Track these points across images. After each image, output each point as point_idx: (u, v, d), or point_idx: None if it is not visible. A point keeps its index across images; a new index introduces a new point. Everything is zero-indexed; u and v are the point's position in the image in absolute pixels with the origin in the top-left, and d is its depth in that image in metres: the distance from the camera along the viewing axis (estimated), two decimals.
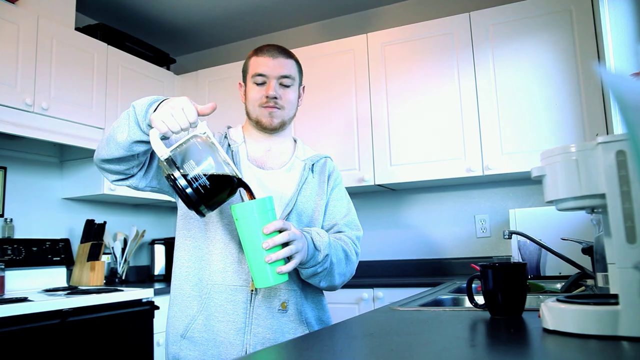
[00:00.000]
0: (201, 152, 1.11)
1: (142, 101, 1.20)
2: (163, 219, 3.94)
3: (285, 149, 1.50)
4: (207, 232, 1.37)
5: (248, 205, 1.12)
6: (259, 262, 1.11)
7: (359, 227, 1.50)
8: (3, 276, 2.56)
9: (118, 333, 2.45)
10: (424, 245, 3.21)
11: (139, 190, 1.39)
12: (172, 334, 1.38)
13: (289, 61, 1.43)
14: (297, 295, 1.37)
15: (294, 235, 1.16)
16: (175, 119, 1.11)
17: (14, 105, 2.54)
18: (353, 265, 1.41)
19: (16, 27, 2.61)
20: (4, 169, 2.86)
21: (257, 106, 1.41)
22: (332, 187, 1.49)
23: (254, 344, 1.30)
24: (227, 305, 1.32)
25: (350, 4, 3.51)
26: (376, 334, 0.98)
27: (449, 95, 2.88)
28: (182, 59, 4.16)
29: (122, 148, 1.21)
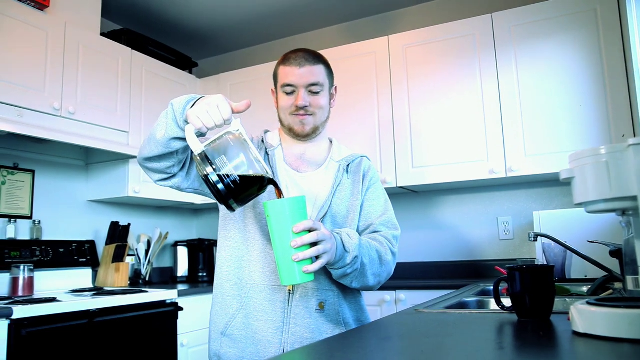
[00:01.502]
0: (234, 148, 1.13)
1: (180, 99, 1.23)
2: (185, 221, 3.99)
3: (320, 151, 1.50)
4: (246, 234, 1.40)
5: (280, 202, 1.14)
6: (286, 260, 1.13)
7: (397, 226, 1.49)
8: (32, 277, 2.62)
9: (143, 333, 2.48)
10: (447, 247, 3.20)
11: (182, 191, 1.41)
12: (213, 331, 1.42)
13: (316, 67, 1.42)
14: (334, 295, 1.38)
15: (323, 236, 1.16)
16: (210, 116, 1.14)
17: (43, 109, 2.60)
18: (389, 265, 1.40)
19: (45, 33, 2.67)
20: (32, 172, 2.93)
21: (289, 114, 1.42)
22: (368, 186, 1.48)
23: (292, 342, 1.32)
24: (266, 305, 1.34)
25: (371, 6, 3.51)
26: (405, 336, 0.98)
27: (471, 96, 2.87)
28: (204, 63, 4.20)
29: (161, 145, 1.24)
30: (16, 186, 2.84)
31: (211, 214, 4.03)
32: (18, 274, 2.57)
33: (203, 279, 3.59)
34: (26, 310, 2.00)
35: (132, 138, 3.09)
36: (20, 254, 2.70)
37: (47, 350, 2.05)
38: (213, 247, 3.67)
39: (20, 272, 2.58)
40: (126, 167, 3.08)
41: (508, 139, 2.75)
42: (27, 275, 2.60)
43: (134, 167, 3.09)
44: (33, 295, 2.56)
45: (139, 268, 3.34)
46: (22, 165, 2.88)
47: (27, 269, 2.60)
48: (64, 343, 2.12)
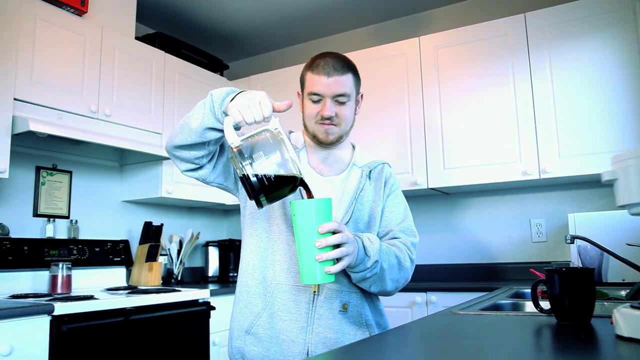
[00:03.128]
0: (271, 145, 1.14)
1: (220, 90, 1.24)
2: (216, 222, 4.04)
3: (344, 156, 1.51)
4: (271, 233, 1.41)
5: (307, 203, 1.15)
6: (309, 260, 1.14)
7: (415, 234, 1.50)
8: (70, 275, 2.69)
9: (176, 332, 2.53)
10: (478, 249, 3.17)
11: (207, 183, 1.43)
12: (237, 328, 1.43)
13: (344, 77, 1.39)
14: (358, 297, 1.40)
15: (347, 239, 1.17)
16: (251, 111, 1.15)
17: (81, 112, 2.67)
18: (407, 271, 1.41)
19: (83, 38, 2.74)
20: (69, 173, 3.01)
21: (314, 123, 1.42)
22: (389, 193, 1.50)
23: (316, 342, 1.33)
24: (290, 305, 1.36)
25: (401, 7, 3.50)
26: (443, 337, 0.98)
27: (503, 97, 2.84)
28: (235, 65, 4.25)
29: (194, 134, 1.26)
30: (55, 187, 2.92)
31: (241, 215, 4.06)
32: (57, 271, 2.65)
33: (233, 279, 3.63)
34: (66, 307, 2.06)
35: (165, 139, 3.15)
36: (58, 252, 2.77)
37: (86, 346, 2.11)
38: None
39: (59, 270, 2.65)
40: (159, 168, 3.14)
41: (542, 140, 2.71)
42: (65, 273, 2.67)
43: (167, 168, 3.15)
44: (71, 293, 2.63)
45: (171, 267, 3.39)
46: (60, 166, 2.96)
47: (66, 267, 2.68)
48: (102, 339, 2.17)
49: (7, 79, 2.36)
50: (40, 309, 1.98)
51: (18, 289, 2.59)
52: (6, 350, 1.83)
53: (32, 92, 2.47)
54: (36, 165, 2.85)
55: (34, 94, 2.48)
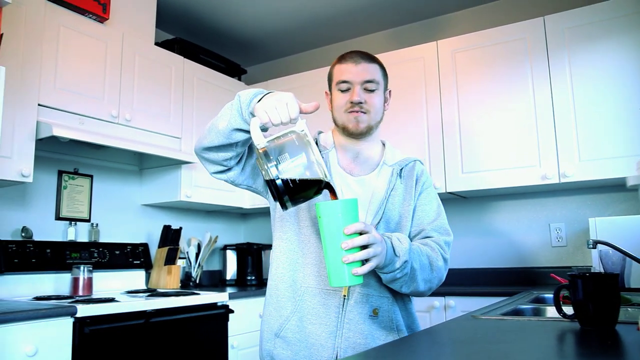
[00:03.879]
0: (297, 147, 1.14)
1: (247, 91, 1.25)
2: (233, 225, 4.06)
3: (374, 154, 1.50)
4: (301, 236, 1.41)
5: (332, 204, 1.14)
6: (336, 262, 1.12)
7: (449, 232, 1.46)
8: (91, 277, 2.73)
9: (195, 334, 2.55)
10: (496, 253, 3.15)
11: (236, 185, 1.44)
12: (266, 331, 1.43)
13: (372, 65, 1.43)
14: (388, 302, 1.38)
15: (374, 239, 1.15)
16: (277, 112, 1.15)
17: (102, 117, 2.71)
18: (440, 271, 1.38)
19: (104, 44, 2.78)
20: (90, 177, 3.05)
21: (343, 112, 1.42)
22: (420, 191, 1.47)
23: (345, 347, 1.33)
24: (320, 309, 1.35)
25: (419, 11, 3.50)
26: (468, 341, 0.98)
27: (522, 101, 2.82)
28: (253, 69, 4.28)
29: (222, 135, 1.27)
30: (76, 190, 2.96)
31: (259, 219, 4.09)
32: (78, 274, 2.69)
33: (251, 282, 3.65)
34: (88, 309, 2.09)
35: (184, 144, 3.18)
36: (80, 255, 2.81)
37: (108, 348, 2.13)
38: (261, 251, 3.73)
39: (81, 272, 2.69)
40: (178, 172, 3.17)
41: (561, 144, 2.69)
42: (86, 275, 2.71)
43: (186, 172, 3.18)
44: (92, 295, 2.66)
45: (189, 271, 3.42)
46: (82, 170, 3.01)
47: (87, 270, 2.71)
48: (123, 341, 2.20)
49: (32, 85, 2.40)
50: (64, 311, 2.01)
51: (41, 290, 2.63)
52: (32, 351, 1.87)
53: (56, 98, 2.52)
54: (58, 170, 2.89)
55: (57, 100, 2.52)
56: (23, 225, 2.68)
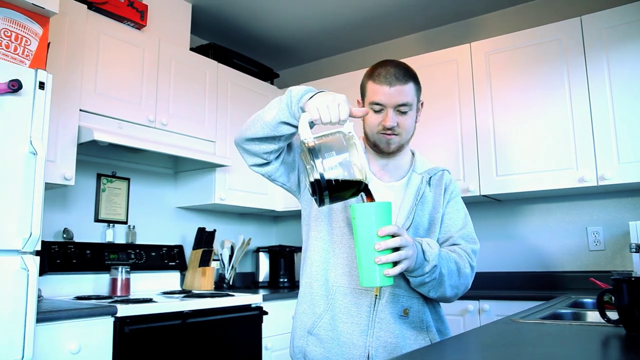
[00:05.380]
0: (342, 148, 1.16)
1: (299, 87, 1.27)
2: (265, 228, 4.10)
3: (403, 163, 1.52)
4: (333, 236, 1.43)
5: (367, 206, 1.17)
6: (368, 262, 1.15)
7: (476, 240, 1.48)
8: (129, 278, 2.79)
9: (230, 335, 2.58)
10: (532, 257, 3.10)
11: (272, 180, 1.46)
12: (299, 328, 1.46)
13: (406, 87, 1.39)
14: (419, 303, 1.40)
15: (406, 242, 1.17)
16: (329, 111, 1.18)
17: (139, 121, 2.78)
18: (467, 278, 1.40)
19: (141, 50, 2.85)
20: (127, 180, 3.12)
21: (375, 132, 1.43)
22: (448, 200, 1.49)
23: (376, 346, 1.35)
24: (352, 308, 1.38)
25: (452, 13, 3.49)
26: (510, 345, 0.98)
27: (558, 103, 2.78)
28: (285, 73, 4.32)
29: (268, 127, 1.30)
30: (114, 193, 3.04)
31: (290, 221, 4.12)
32: (117, 275, 2.75)
33: (284, 284, 3.68)
34: (128, 309, 2.14)
35: (218, 147, 3.23)
36: (117, 256, 2.88)
37: (146, 347, 2.18)
38: (294, 254, 3.75)
39: (119, 273, 2.76)
40: (213, 175, 3.22)
41: (599, 146, 2.64)
42: (124, 276, 2.77)
43: (221, 175, 3.23)
44: (129, 296, 2.72)
45: (223, 272, 3.46)
46: (119, 173, 3.08)
47: (125, 271, 2.78)
48: (160, 341, 2.24)
49: (74, 91, 2.48)
50: (105, 311, 2.07)
51: (81, 290, 2.71)
52: (75, 349, 1.93)
53: (96, 103, 2.59)
54: (97, 173, 2.97)
55: (97, 105, 2.59)
56: (64, 227, 2.76)
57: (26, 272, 1.71)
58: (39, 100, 1.81)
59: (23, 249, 1.73)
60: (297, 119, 1.25)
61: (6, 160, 1.72)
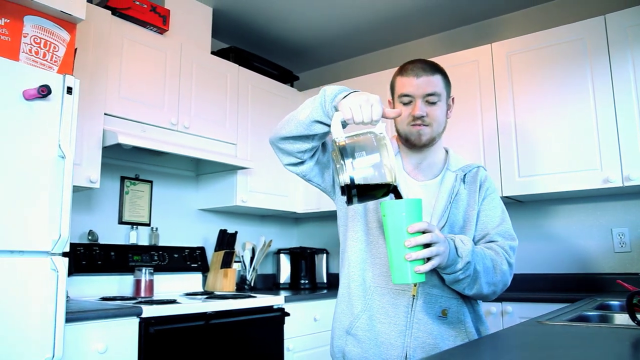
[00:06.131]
0: (373, 148, 1.17)
1: (333, 87, 1.29)
2: (286, 230, 4.12)
3: (437, 161, 1.51)
4: (370, 237, 1.44)
5: (397, 203, 1.16)
6: (399, 259, 1.15)
7: (514, 237, 1.47)
8: (152, 279, 2.83)
9: (252, 337, 2.60)
10: (555, 259, 3.07)
11: (307, 180, 1.48)
12: (338, 328, 1.47)
13: (434, 78, 1.42)
14: (458, 303, 1.39)
15: (437, 238, 1.17)
16: (361, 111, 1.18)
17: (162, 124, 2.82)
18: (505, 275, 1.38)
19: (164, 54, 2.89)
20: (150, 183, 3.16)
21: (406, 125, 1.43)
22: (484, 196, 1.47)
23: (414, 347, 1.34)
24: (389, 308, 1.38)
25: (472, 13, 3.47)
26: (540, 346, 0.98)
27: (581, 103, 2.75)
28: (305, 76, 4.33)
29: (301, 126, 1.31)
30: (137, 195, 3.08)
31: (311, 223, 4.13)
32: (141, 276, 2.79)
33: (305, 286, 3.69)
34: (153, 310, 2.17)
35: (239, 150, 3.26)
36: (141, 258, 2.92)
37: (171, 347, 2.21)
38: (315, 255, 3.77)
39: (143, 274, 2.79)
40: (234, 177, 3.24)
41: (625, 146, 2.60)
42: (148, 278, 2.81)
43: (242, 177, 3.25)
44: (153, 297, 2.76)
45: (244, 274, 3.49)
46: (142, 176, 3.12)
47: (148, 272, 2.81)
48: (184, 342, 2.27)
49: (99, 95, 2.52)
50: (130, 311, 2.10)
51: (106, 291, 2.75)
52: (102, 348, 1.96)
53: (120, 107, 2.63)
54: (121, 176, 3.01)
55: (121, 109, 2.64)
56: (89, 229, 2.80)
57: (56, 273, 1.74)
58: (67, 104, 1.84)
59: (52, 251, 1.76)
60: (330, 118, 1.26)
61: (36, 163, 1.75)
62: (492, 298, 1.41)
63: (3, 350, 1.61)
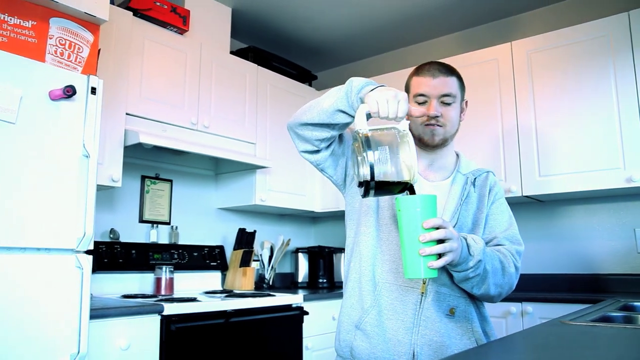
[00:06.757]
0: (396, 144, 1.17)
1: (360, 78, 1.29)
2: (304, 229, 4.13)
3: (448, 163, 1.53)
4: (380, 233, 1.44)
5: (412, 199, 1.17)
6: (413, 254, 1.15)
7: (520, 242, 1.47)
8: (172, 277, 2.86)
9: (271, 335, 2.61)
10: (576, 259, 3.03)
11: (319, 169, 1.49)
12: (346, 322, 1.47)
13: (449, 79, 1.44)
14: (465, 303, 1.40)
15: (451, 234, 1.18)
16: (388, 106, 1.19)
17: (182, 124, 2.84)
18: (511, 278, 1.39)
19: (184, 54, 2.92)
20: (170, 182, 3.19)
21: (419, 124, 1.44)
22: (492, 201, 1.49)
23: (421, 344, 1.35)
24: (397, 304, 1.38)
25: (491, 11, 3.44)
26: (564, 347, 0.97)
27: (604, 101, 2.71)
28: (323, 75, 4.34)
29: (324, 113, 1.32)
30: (157, 194, 3.11)
31: (329, 222, 4.13)
32: (161, 274, 2.82)
33: (323, 284, 3.70)
34: (174, 308, 2.19)
35: (258, 149, 3.28)
36: (161, 256, 2.95)
37: (192, 345, 2.23)
38: (333, 254, 3.77)
39: (163, 272, 2.83)
40: (253, 176, 3.26)
41: None
42: (168, 276, 2.84)
43: (261, 176, 3.27)
44: (173, 295, 2.79)
45: (262, 273, 3.51)
46: (162, 175, 3.16)
47: (169, 270, 2.85)
48: (205, 339, 2.29)
49: (121, 95, 2.56)
50: (152, 309, 2.12)
51: (127, 289, 2.78)
52: (125, 345, 1.99)
53: (141, 107, 2.66)
54: (141, 175, 3.05)
55: (142, 109, 2.67)
56: (111, 228, 2.84)
57: (80, 270, 1.77)
58: (91, 105, 1.87)
59: (77, 248, 1.79)
60: (354, 109, 1.26)
61: (61, 162, 1.79)
62: (497, 300, 1.42)
63: (30, 345, 1.64)
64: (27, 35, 1.84)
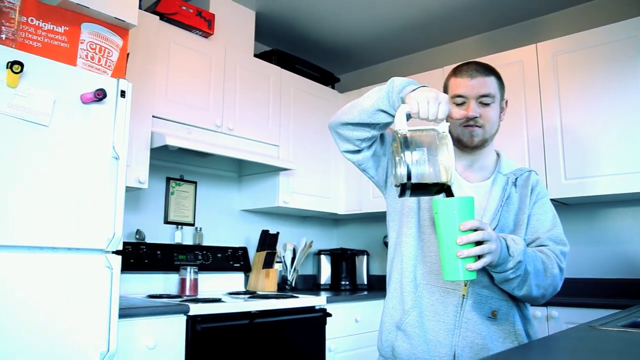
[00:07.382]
0: (435, 145, 1.17)
1: (401, 78, 1.30)
2: (326, 231, 4.14)
3: (488, 164, 1.51)
4: (421, 234, 1.44)
5: (449, 201, 1.17)
6: (451, 256, 1.15)
7: (565, 242, 1.44)
8: (197, 278, 2.89)
9: (294, 336, 2.63)
10: (604, 263, 2.98)
11: (362, 170, 1.50)
12: (388, 323, 1.47)
13: (488, 79, 1.43)
14: (508, 305, 1.38)
15: (489, 236, 1.16)
16: (428, 107, 1.18)
17: (207, 126, 2.88)
18: (555, 279, 1.37)
19: (209, 58, 2.95)
20: (195, 184, 3.23)
21: (458, 125, 1.43)
22: (535, 200, 1.46)
23: (462, 346, 1.34)
24: (438, 306, 1.38)
25: (515, 13, 3.41)
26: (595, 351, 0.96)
27: (633, 102, 2.67)
28: (345, 77, 4.35)
29: (365, 113, 1.33)
30: (182, 196, 3.15)
31: (351, 224, 4.14)
32: (186, 275, 2.86)
33: (345, 287, 3.70)
34: (199, 308, 2.22)
35: (282, 151, 3.30)
36: (186, 257, 2.99)
37: (217, 345, 2.26)
38: (355, 257, 3.77)
39: (188, 273, 2.86)
40: (276, 178, 3.28)
41: None
42: (192, 276, 2.87)
43: (284, 178, 3.29)
44: (197, 295, 2.82)
45: (285, 274, 3.52)
46: (187, 177, 3.20)
47: (193, 271, 2.88)
48: (229, 340, 2.31)
49: (147, 98, 2.60)
50: (178, 309, 2.15)
51: (152, 289, 2.82)
52: (152, 344, 2.02)
53: (167, 110, 2.70)
54: (166, 177, 3.09)
55: (168, 111, 2.71)
56: (137, 228, 2.89)
57: (110, 270, 1.81)
58: (120, 107, 1.91)
59: (107, 249, 1.83)
60: (395, 109, 1.26)
61: (92, 164, 1.82)
62: (541, 302, 1.39)
63: (61, 344, 1.68)
64: (59, 40, 1.88)
